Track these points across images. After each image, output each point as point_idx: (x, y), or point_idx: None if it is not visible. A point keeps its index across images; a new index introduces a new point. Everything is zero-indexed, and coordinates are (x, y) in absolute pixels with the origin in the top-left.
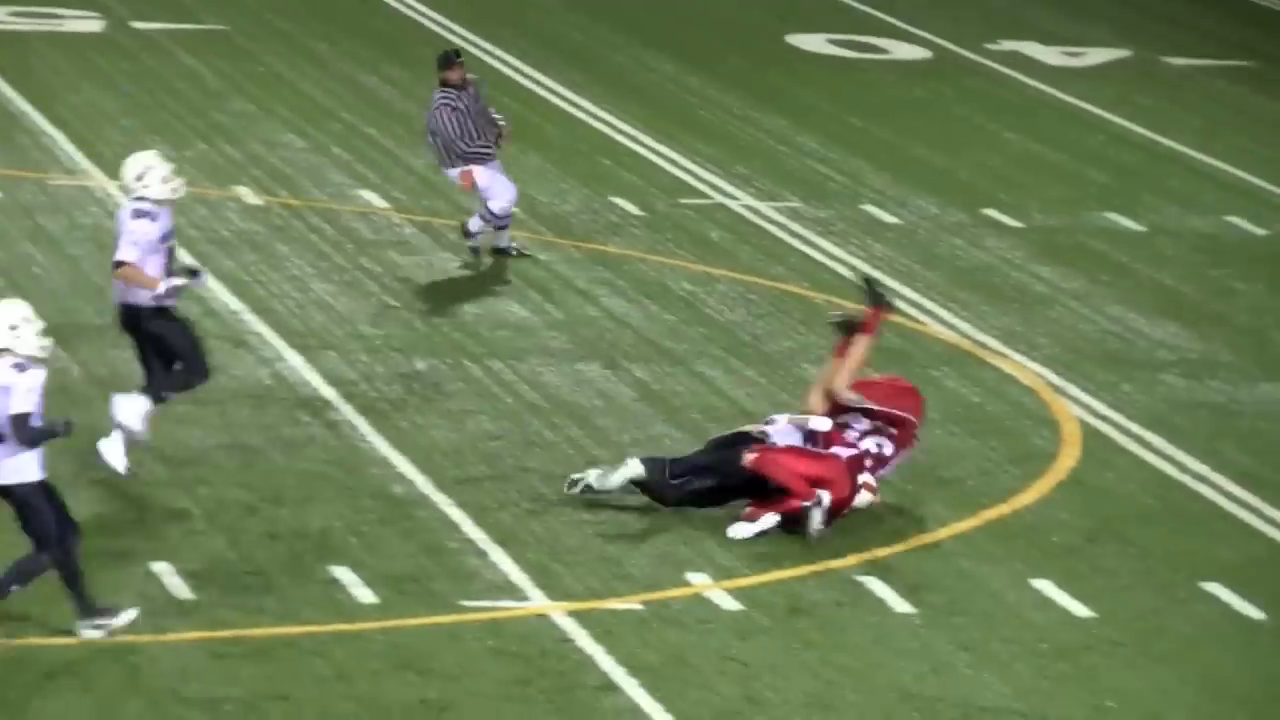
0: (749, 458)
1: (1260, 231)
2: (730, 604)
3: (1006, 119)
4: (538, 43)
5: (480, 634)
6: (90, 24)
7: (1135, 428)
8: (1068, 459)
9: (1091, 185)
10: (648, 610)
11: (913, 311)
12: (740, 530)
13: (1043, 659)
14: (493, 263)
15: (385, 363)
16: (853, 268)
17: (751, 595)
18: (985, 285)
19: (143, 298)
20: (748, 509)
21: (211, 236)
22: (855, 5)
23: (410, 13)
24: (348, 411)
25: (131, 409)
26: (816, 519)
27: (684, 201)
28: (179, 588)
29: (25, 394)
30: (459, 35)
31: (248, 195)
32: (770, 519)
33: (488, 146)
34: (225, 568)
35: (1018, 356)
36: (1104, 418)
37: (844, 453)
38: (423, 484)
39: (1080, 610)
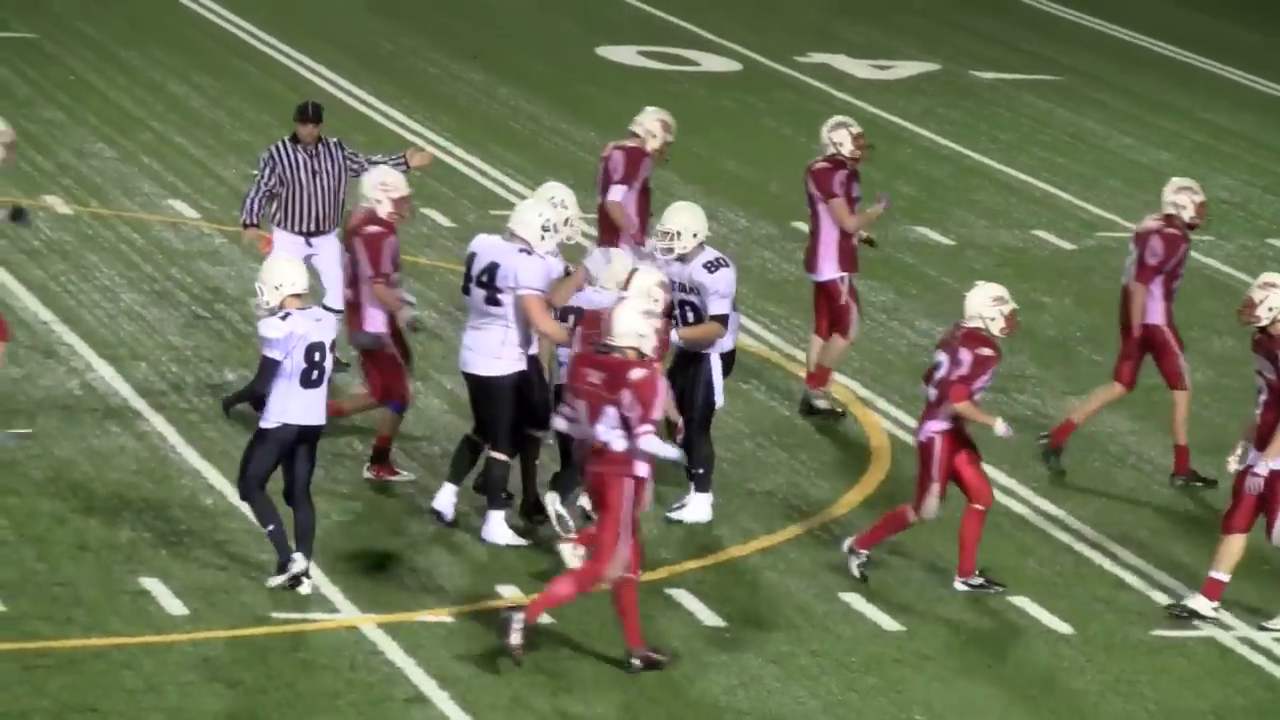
0: None
1: (1067, 246)
2: (541, 617)
3: (816, 131)
4: (348, 53)
5: (290, 646)
6: None
7: None
8: (877, 472)
9: (900, 198)
10: (458, 622)
11: None
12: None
13: (851, 672)
14: None
15: (195, 373)
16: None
17: (562, 608)
18: (795, 298)
19: None
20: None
21: (21, 246)
22: (665, 17)
23: (220, 21)
24: (158, 422)
25: None
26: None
27: (494, 213)
28: None
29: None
30: (270, 44)
31: (58, 204)
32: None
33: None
34: (35, 579)
35: None
36: (913, 431)
37: None
38: (232, 495)
39: (889, 623)
